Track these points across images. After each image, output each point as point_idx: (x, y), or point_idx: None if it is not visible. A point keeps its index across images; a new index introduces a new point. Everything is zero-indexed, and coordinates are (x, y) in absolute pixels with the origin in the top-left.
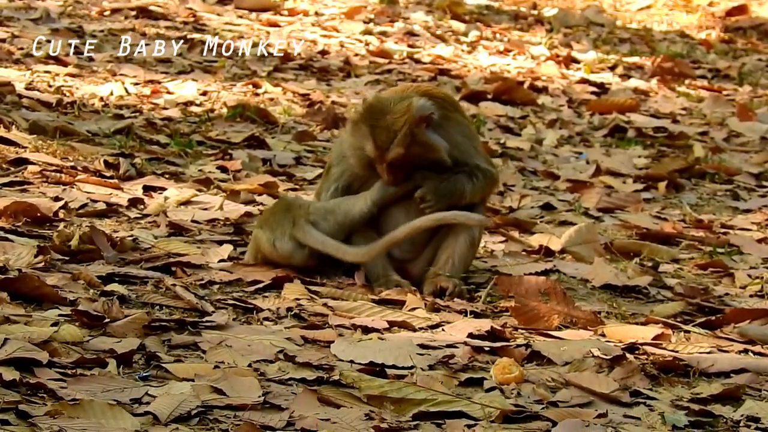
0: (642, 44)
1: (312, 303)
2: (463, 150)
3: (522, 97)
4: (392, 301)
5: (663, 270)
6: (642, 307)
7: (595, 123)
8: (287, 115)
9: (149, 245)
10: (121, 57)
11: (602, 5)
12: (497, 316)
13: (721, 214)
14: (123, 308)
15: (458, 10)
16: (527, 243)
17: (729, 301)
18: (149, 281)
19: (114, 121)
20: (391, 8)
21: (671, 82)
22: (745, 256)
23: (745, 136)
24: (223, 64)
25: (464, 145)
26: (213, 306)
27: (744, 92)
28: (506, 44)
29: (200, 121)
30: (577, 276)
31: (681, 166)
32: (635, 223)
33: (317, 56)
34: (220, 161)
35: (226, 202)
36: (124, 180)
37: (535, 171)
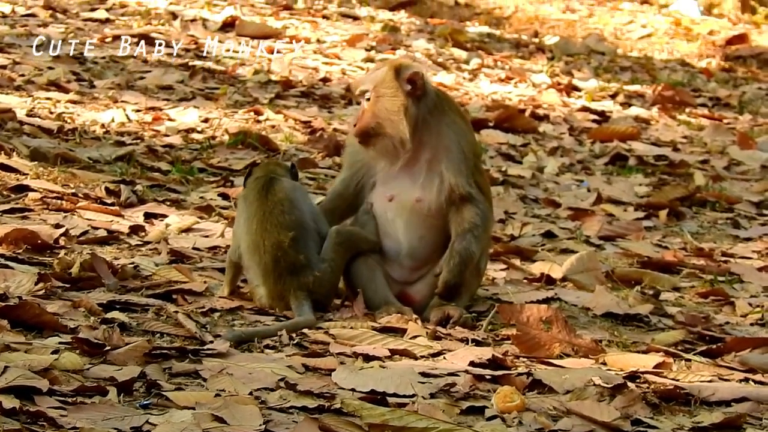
0: (643, 72)
1: (313, 331)
2: (454, 163)
3: (523, 125)
4: (393, 328)
5: (664, 298)
6: (643, 336)
7: (597, 151)
8: (289, 142)
9: (150, 273)
10: (123, 84)
11: (603, 34)
12: (498, 345)
13: (721, 242)
14: (124, 336)
15: (460, 38)
16: (529, 271)
17: (730, 329)
18: (150, 309)
19: (115, 148)
20: (392, 36)
21: (672, 111)
22: (745, 285)
23: (746, 165)
24: (224, 91)
25: (455, 157)
26: (212, 335)
27: (744, 120)
28: (508, 72)
29: (202, 148)
30: (578, 304)
31: (682, 195)
32: (636, 251)
33: (319, 84)
34: (221, 188)
35: (228, 230)
36: (125, 207)
37: (536, 199)
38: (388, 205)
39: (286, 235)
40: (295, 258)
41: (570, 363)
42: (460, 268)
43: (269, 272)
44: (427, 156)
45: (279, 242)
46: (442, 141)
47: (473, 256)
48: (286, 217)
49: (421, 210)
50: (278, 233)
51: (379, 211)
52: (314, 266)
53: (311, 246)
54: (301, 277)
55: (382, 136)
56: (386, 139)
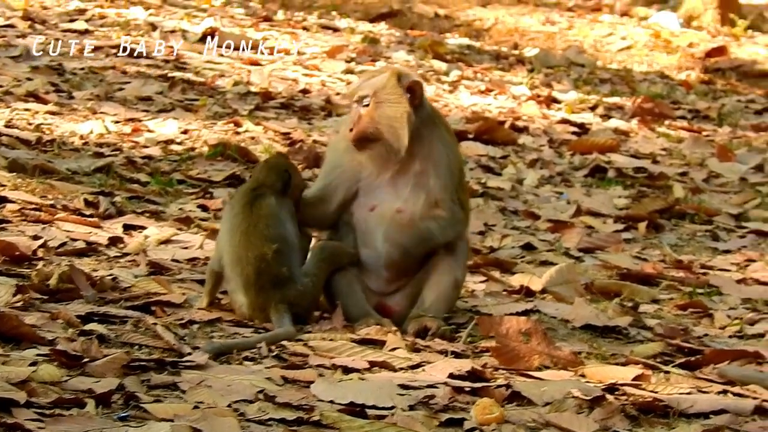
0: (622, 85)
1: (292, 343)
2: (441, 178)
3: (503, 137)
4: (373, 340)
5: (643, 310)
6: (622, 348)
7: (576, 163)
8: (268, 153)
9: (129, 284)
10: (102, 95)
11: (583, 46)
12: (478, 357)
13: (700, 254)
14: (102, 348)
15: (439, 49)
16: (508, 283)
17: (708, 341)
18: (129, 321)
19: (94, 160)
20: (372, 47)
21: (651, 123)
22: (724, 297)
23: (725, 177)
24: (204, 103)
25: (443, 173)
26: (190, 347)
27: (723, 133)
28: (487, 84)
29: (181, 159)
30: (557, 316)
31: (661, 207)
32: (615, 263)
33: (298, 95)
34: (200, 200)
35: (207, 241)
36: (103, 218)
37: (516, 211)
38: (369, 215)
39: (269, 247)
40: (278, 270)
41: (549, 375)
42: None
43: (251, 284)
44: (417, 168)
45: (263, 254)
46: (433, 154)
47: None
48: (270, 230)
49: (402, 221)
50: (262, 245)
51: (359, 221)
52: (297, 280)
53: (295, 260)
54: (284, 290)
55: (379, 143)
56: (383, 145)
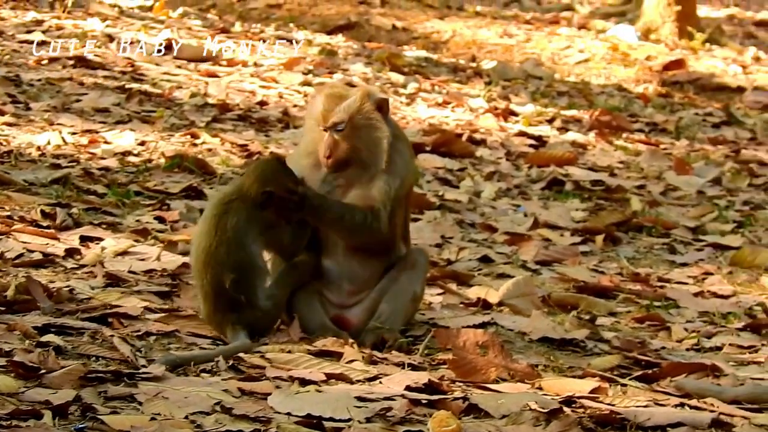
0: (580, 98)
1: (249, 354)
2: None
3: (460, 150)
4: (330, 352)
5: (600, 323)
6: (579, 360)
7: (533, 176)
8: (225, 165)
9: (86, 296)
10: (59, 106)
11: (541, 58)
12: (435, 369)
13: (658, 267)
14: (59, 359)
15: (397, 62)
16: (465, 295)
17: (666, 354)
18: (85, 332)
19: (51, 171)
20: (330, 60)
21: (609, 136)
22: (681, 310)
23: (682, 190)
24: (161, 115)
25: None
26: (147, 359)
27: (681, 146)
28: (445, 96)
29: (138, 171)
30: (514, 329)
31: (618, 220)
32: (573, 276)
33: (256, 107)
34: (157, 211)
35: (164, 253)
36: (60, 230)
37: (473, 223)
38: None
39: (228, 276)
40: (235, 298)
41: (506, 387)
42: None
43: (210, 301)
44: (371, 176)
45: (220, 282)
46: (390, 167)
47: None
48: (230, 258)
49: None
50: (220, 272)
51: (323, 234)
52: (257, 305)
53: (257, 285)
54: (241, 313)
55: (355, 165)
56: (360, 167)
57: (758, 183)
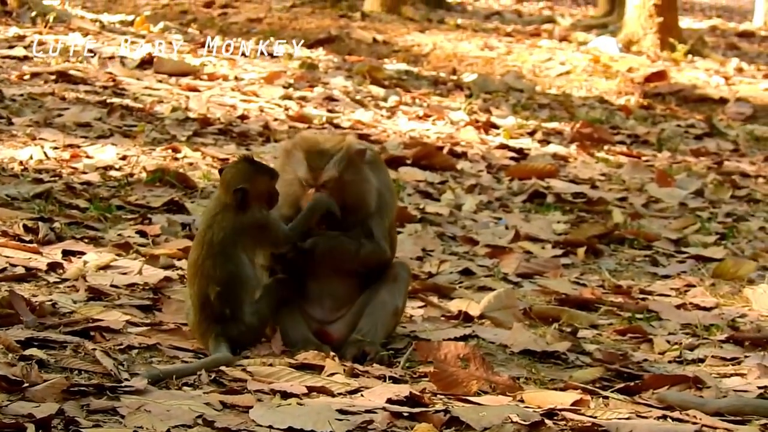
0: (561, 110)
1: (231, 368)
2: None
3: (441, 163)
4: (311, 365)
5: (582, 335)
6: (561, 373)
7: (515, 188)
8: (207, 179)
9: (68, 310)
10: (41, 121)
11: (522, 71)
12: (416, 382)
13: (639, 279)
14: (42, 373)
15: (378, 75)
16: (446, 308)
17: (648, 366)
18: (68, 346)
19: (33, 186)
20: (310, 73)
21: (590, 148)
22: (663, 322)
23: (664, 202)
24: (142, 129)
25: (380, 204)
26: (129, 372)
27: (663, 158)
28: (426, 109)
29: (120, 185)
30: (496, 341)
31: (600, 232)
32: (554, 288)
33: (237, 121)
34: (139, 226)
35: (146, 267)
36: (43, 244)
37: (454, 236)
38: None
39: (213, 289)
40: (220, 311)
41: (487, 400)
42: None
43: (195, 311)
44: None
45: (206, 294)
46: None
47: (348, 252)
48: (217, 271)
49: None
50: (206, 285)
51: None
52: (241, 319)
53: (243, 299)
54: (225, 327)
55: (344, 212)
56: (350, 211)
57: (741, 195)
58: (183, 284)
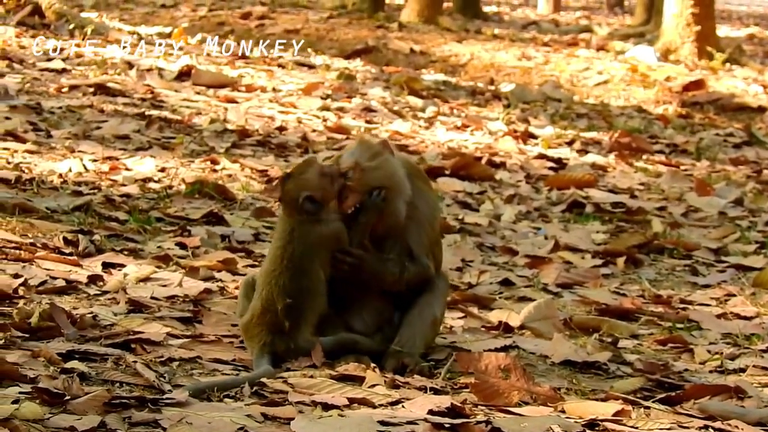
0: (599, 119)
1: (272, 380)
2: (416, 224)
3: (480, 173)
4: (352, 377)
5: (622, 346)
6: (602, 383)
7: (553, 198)
8: (245, 191)
9: (109, 322)
10: (80, 133)
11: (559, 80)
12: (457, 393)
13: (680, 289)
14: (83, 385)
15: (415, 85)
16: (486, 319)
17: (689, 376)
18: (109, 358)
19: (73, 198)
20: (348, 84)
21: (629, 158)
22: (704, 332)
23: (704, 211)
24: (181, 141)
25: (416, 216)
26: (170, 384)
27: (702, 167)
28: (464, 120)
29: (159, 197)
30: (536, 352)
31: (639, 242)
32: (594, 298)
33: (275, 132)
34: (178, 238)
35: (185, 279)
36: (83, 257)
37: (493, 247)
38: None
39: (282, 299)
40: (281, 322)
41: (529, 411)
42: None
43: (255, 312)
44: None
45: (273, 302)
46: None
47: (386, 275)
48: (291, 284)
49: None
50: (277, 293)
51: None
52: (295, 338)
53: (306, 316)
54: (276, 339)
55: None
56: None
57: None
58: (223, 296)
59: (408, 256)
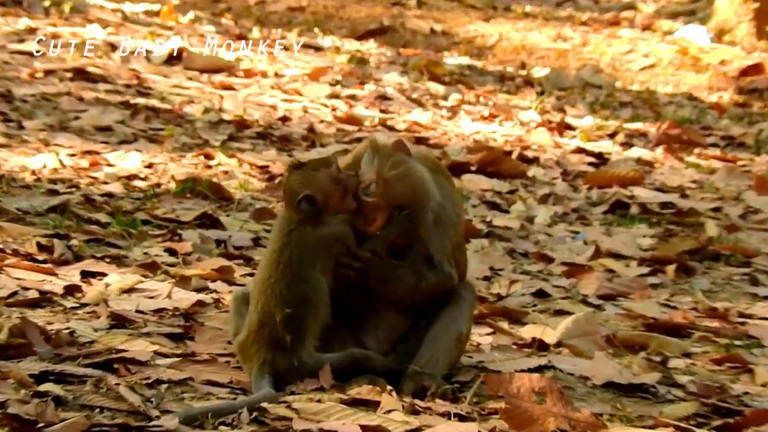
0: (645, 108)
1: (274, 405)
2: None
3: (510, 169)
4: (365, 401)
5: (673, 365)
6: (650, 408)
7: (594, 198)
8: (244, 190)
9: (88, 339)
10: (56, 124)
11: (600, 65)
12: (485, 419)
13: (737, 301)
14: (59, 411)
15: (437, 70)
16: (518, 335)
17: (749, 400)
18: (88, 380)
19: (47, 198)
20: (360, 69)
21: (679, 152)
22: (765, 350)
23: (764, 212)
24: (170, 133)
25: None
26: (158, 410)
27: (762, 162)
28: (491, 109)
29: (145, 197)
30: (575, 373)
31: (691, 247)
32: (640, 312)
33: (277, 123)
34: (167, 243)
35: (175, 290)
36: (59, 264)
37: (525, 253)
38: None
39: (281, 309)
40: (282, 336)
41: None
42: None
43: (252, 329)
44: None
45: (270, 314)
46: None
47: (403, 285)
48: (289, 291)
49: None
50: (274, 304)
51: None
52: (298, 353)
53: (309, 326)
54: (277, 357)
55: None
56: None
57: None
58: (218, 309)
59: (427, 262)
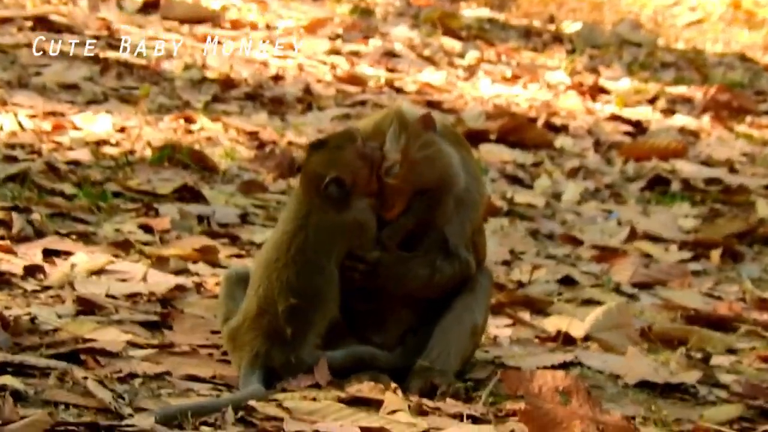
0: (691, 70)
1: (264, 403)
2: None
3: (534, 139)
4: (366, 400)
5: (716, 363)
6: (689, 411)
7: (630, 173)
8: (230, 159)
9: (52, 327)
10: (14, 81)
11: (640, 19)
12: (502, 422)
13: None
14: (18, 407)
15: (452, 24)
16: (541, 327)
17: None
18: (52, 373)
19: (4, 165)
20: (364, 21)
21: (728, 120)
22: None
23: None
24: (146, 92)
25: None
26: (131, 407)
27: None
28: (515, 69)
29: (116, 165)
30: (605, 370)
31: (740, 230)
32: (680, 302)
33: (269, 83)
34: (142, 218)
35: (151, 272)
36: (18, 242)
37: (551, 234)
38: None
39: (286, 299)
40: (282, 328)
41: None
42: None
43: (249, 315)
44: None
45: (273, 301)
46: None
47: (417, 280)
48: (300, 280)
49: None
50: (279, 291)
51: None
52: (297, 350)
53: (314, 322)
54: (274, 350)
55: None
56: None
57: None
58: (200, 294)
59: (443, 250)
